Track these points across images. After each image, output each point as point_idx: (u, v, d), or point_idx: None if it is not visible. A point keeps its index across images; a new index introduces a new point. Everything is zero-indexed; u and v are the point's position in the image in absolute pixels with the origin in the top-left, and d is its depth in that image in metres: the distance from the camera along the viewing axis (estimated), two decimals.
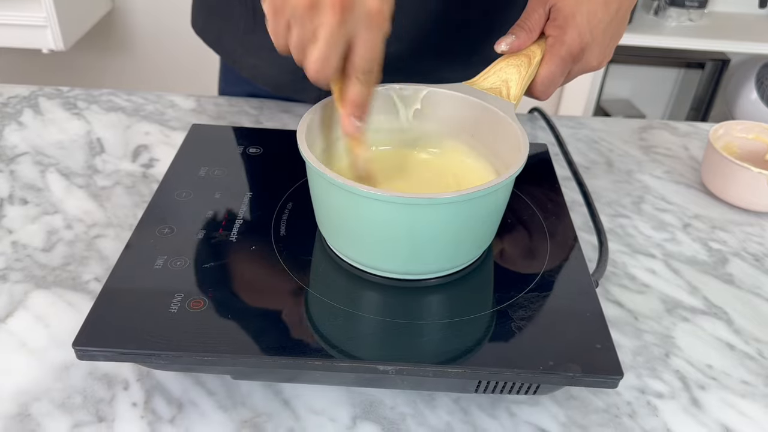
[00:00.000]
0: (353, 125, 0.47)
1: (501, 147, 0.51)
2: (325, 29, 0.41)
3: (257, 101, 0.83)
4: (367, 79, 0.45)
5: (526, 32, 0.54)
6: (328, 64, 0.43)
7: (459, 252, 0.47)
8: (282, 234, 0.51)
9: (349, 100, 0.46)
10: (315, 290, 0.46)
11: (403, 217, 0.43)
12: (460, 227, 0.45)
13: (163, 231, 0.50)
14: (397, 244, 0.45)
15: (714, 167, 0.69)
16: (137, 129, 0.76)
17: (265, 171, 0.59)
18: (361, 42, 0.43)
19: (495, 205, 0.46)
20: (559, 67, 0.54)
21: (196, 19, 0.82)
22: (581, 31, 0.54)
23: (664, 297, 0.57)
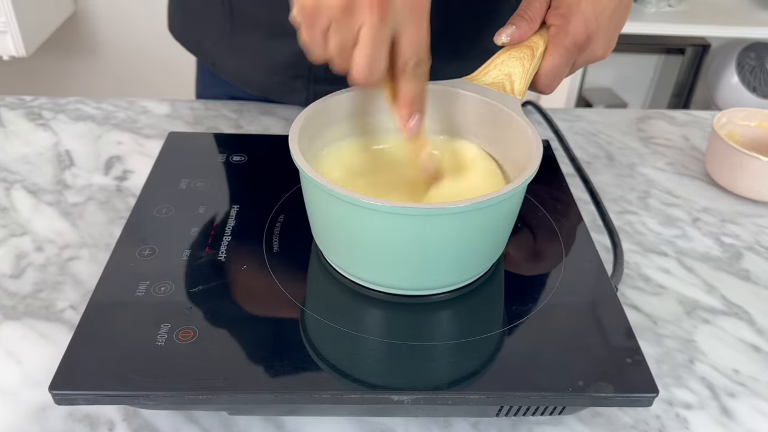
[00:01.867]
0: (414, 125, 0.44)
1: (508, 146, 0.47)
2: (367, 29, 0.38)
3: (236, 104, 0.78)
4: (419, 73, 0.42)
5: (527, 22, 0.50)
6: (376, 65, 0.40)
7: (470, 264, 0.43)
8: (275, 250, 0.47)
9: (406, 98, 0.43)
10: (315, 312, 0.42)
11: (412, 229, 0.39)
12: (472, 237, 0.41)
13: (144, 253, 0.46)
14: (405, 257, 0.41)
15: (720, 157, 0.66)
16: (108, 139, 0.71)
17: (252, 181, 0.54)
18: (406, 35, 0.40)
19: (509, 211, 0.43)
20: (563, 58, 0.51)
21: (173, 22, 0.77)
22: (586, 19, 0.50)
23: (681, 298, 0.54)
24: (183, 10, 0.75)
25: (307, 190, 0.44)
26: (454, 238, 0.40)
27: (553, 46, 0.50)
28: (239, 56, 0.72)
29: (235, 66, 0.72)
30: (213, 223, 0.49)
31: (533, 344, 0.41)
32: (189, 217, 0.49)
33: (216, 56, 0.74)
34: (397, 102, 0.44)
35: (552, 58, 0.50)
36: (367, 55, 0.39)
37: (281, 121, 0.75)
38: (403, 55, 0.41)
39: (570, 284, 0.45)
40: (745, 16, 1.71)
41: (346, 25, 0.39)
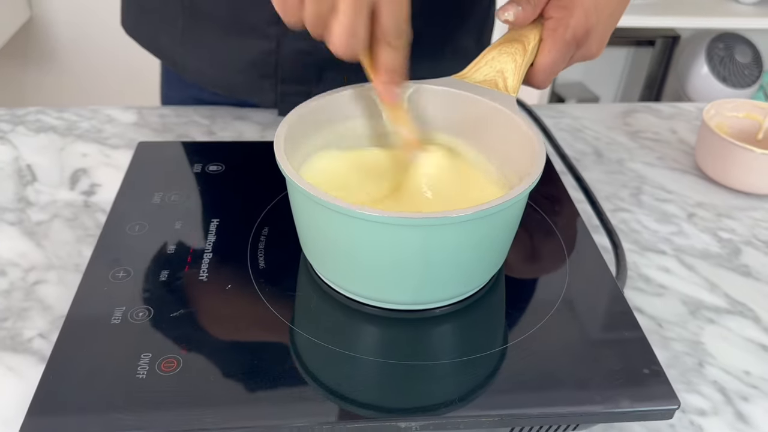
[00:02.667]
0: (392, 93, 0.43)
1: (505, 146, 0.45)
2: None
3: (207, 109, 0.74)
4: (399, 43, 0.41)
5: (531, 7, 0.47)
6: (355, 36, 0.39)
7: (475, 273, 0.41)
8: (261, 267, 0.43)
9: (384, 67, 0.42)
10: (309, 333, 0.39)
11: (416, 239, 0.36)
12: (477, 245, 0.38)
13: (118, 275, 0.42)
14: (407, 270, 0.38)
15: (712, 150, 0.64)
16: (73, 151, 0.67)
17: (231, 191, 0.51)
18: (387, 5, 0.38)
19: (514, 217, 0.40)
20: (561, 52, 0.48)
21: (126, 16, 0.73)
22: (588, 14, 0.48)
23: (684, 298, 0.53)
24: (136, 4, 0.71)
25: (296, 201, 0.41)
26: (459, 247, 0.37)
27: (553, 39, 0.48)
28: (199, 55, 0.68)
29: (196, 65, 0.69)
30: (192, 239, 0.46)
31: (543, 357, 0.38)
32: (165, 234, 0.46)
33: (175, 55, 0.70)
34: (376, 71, 0.42)
35: (551, 53, 0.48)
36: (346, 26, 0.38)
37: (256, 125, 0.72)
38: (383, 25, 0.39)
39: (576, 291, 0.43)
40: (713, 7, 1.72)
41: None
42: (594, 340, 0.40)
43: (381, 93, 0.44)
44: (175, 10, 0.66)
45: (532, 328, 0.40)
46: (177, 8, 0.65)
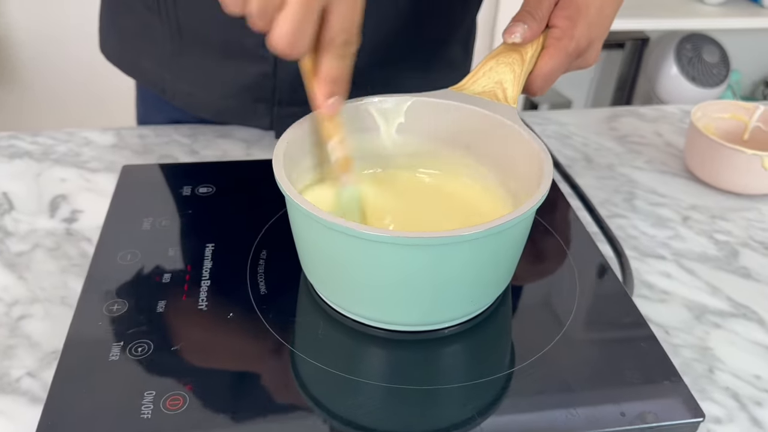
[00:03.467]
0: (329, 103, 0.40)
1: (508, 158, 0.44)
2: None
3: (188, 128, 0.72)
4: (345, 52, 0.38)
5: (537, 22, 0.46)
6: (301, 38, 0.36)
7: (485, 291, 0.40)
8: (263, 292, 0.42)
9: (325, 76, 0.39)
10: (318, 361, 0.38)
11: (427, 259, 0.35)
12: (488, 262, 0.37)
13: (113, 308, 0.40)
14: (417, 291, 0.37)
15: (702, 152, 0.64)
16: (50, 176, 0.64)
17: (225, 214, 0.49)
18: (338, 9, 0.36)
19: (523, 233, 0.39)
20: (563, 62, 0.48)
21: (106, 42, 0.70)
22: (590, 25, 0.47)
23: (687, 303, 0.52)
24: (118, 28, 0.69)
25: (298, 223, 0.39)
26: (470, 265, 0.36)
27: (555, 48, 0.47)
28: (190, 80, 0.66)
29: (186, 91, 0.66)
30: (187, 266, 0.44)
31: (560, 377, 0.37)
32: (158, 262, 0.44)
33: (162, 80, 0.68)
34: (316, 78, 0.40)
35: (552, 61, 0.47)
36: (292, 25, 0.35)
37: (240, 143, 0.70)
38: (331, 29, 0.37)
39: (587, 304, 0.42)
40: (680, 9, 1.74)
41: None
42: (610, 355, 0.39)
43: (318, 103, 0.40)
44: (162, 34, 0.64)
45: (545, 346, 0.39)
46: (165, 33, 0.63)
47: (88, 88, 1.76)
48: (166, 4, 0.62)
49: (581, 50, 0.49)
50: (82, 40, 1.66)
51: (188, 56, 0.64)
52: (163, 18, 0.63)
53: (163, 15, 0.63)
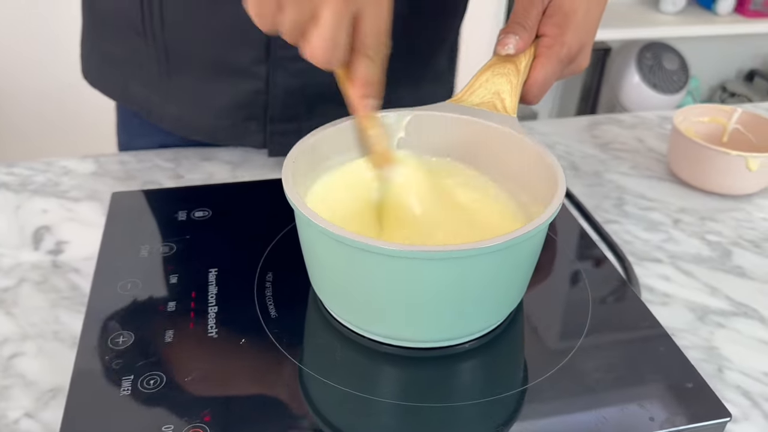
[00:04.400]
0: (366, 104, 0.41)
1: (515, 169, 0.44)
2: (330, 7, 0.35)
3: (170, 152, 0.71)
4: (378, 55, 0.39)
5: (528, 32, 0.47)
6: (336, 47, 0.37)
7: (503, 305, 0.39)
8: (273, 316, 0.41)
9: (361, 79, 0.40)
10: (339, 383, 0.36)
11: (448, 274, 0.35)
12: (508, 274, 0.37)
13: (118, 340, 0.38)
14: (435, 306, 0.36)
15: (687, 156, 0.65)
16: (31, 208, 0.62)
17: (225, 237, 0.48)
18: (369, 15, 0.37)
19: (540, 243, 0.39)
20: (556, 69, 0.48)
21: (89, 67, 0.69)
22: (579, 30, 0.48)
23: (689, 304, 0.52)
24: (101, 53, 0.67)
25: (310, 240, 0.38)
26: (492, 277, 0.36)
27: (547, 56, 0.47)
28: (179, 101, 0.64)
29: (174, 113, 0.65)
30: (191, 293, 0.42)
31: (583, 385, 0.37)
32: (161, 290, 0.42)
33: (149, 103, 0.66)
34: (351, 82, 0.40)
35: (545, 69, 0.48)
36: (327, 35, 0.36)
37: (225, 165, 0.69)
38: (363, 35, 0.38)
39: (604, 313, 0.42)
40: (639, 19, 1.79)
41: (307, 2, 0.35)
42: (630, 361, 0.39)
43: (355, 105, 0.41)
44: (148, 57, 0.62)
45: (564, 357, 0.39)
46: (151, 55, 0.62)
47: (64, 115, 1.71)
48: (152, 26, 0.61)
49: (573, 55, 0.49)
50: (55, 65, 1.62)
51: (176, 78, 0.63)
52: (149, 40, 0.62)
53: (150, 37, 0.62)
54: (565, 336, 0.40)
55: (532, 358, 0.40)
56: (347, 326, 0.40)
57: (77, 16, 0.72)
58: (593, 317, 0.41)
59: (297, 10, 0.36)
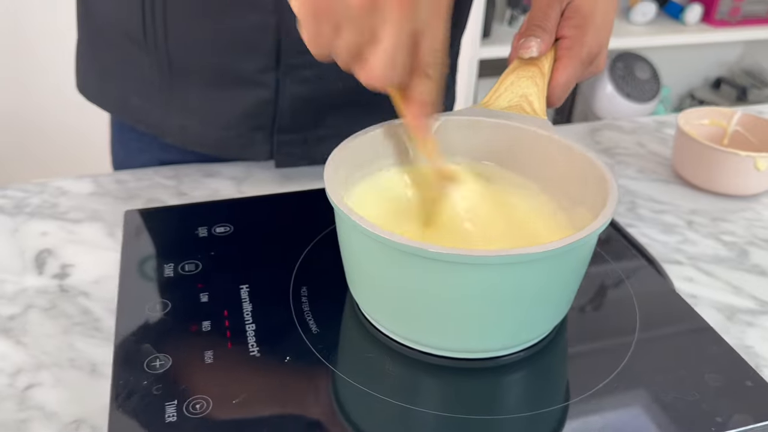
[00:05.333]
0: (425, 124, 0.40)
1: (555, 172, 0.43)
2: (391, 27, 0.34)
3: (170, 169, 0.68)
4: (436, 74, 0.38)
5: (548, 34, 0.47)
6: (396, 67, 0.35)
7: (552, 314, 0.38)
8: (315, 331, 0.39)
9: (419, 99, 0.38)
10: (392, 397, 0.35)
11: (507, 280, 0.33)
12: (563, 281, 0.36)
13: (155, 364, 0.36)
14: (491, 315, 0.35)
15: (695, 158, 0.66)
16: (29, 231, 0.59)
17: (252, 253, 0.46)
18: (429, 33, 0.36)
19: (592, 249, 0.38)
20: (577, 70, 0.48)
21: (85, 81, 0.66)
22: (598, 32, 0.48)
23: (715, 304, 0.52)
24: (99, 66, 0.65)
25: (356, 247, 0.37)
26: (547, 284, 0.35)
27: (569, 58, 0.47)
28: (181, 113, 0.62)
29: (178, 125, 0.63)
30: (224, 311, 0.40)
31: (642, 392, 0.36)
32: (193, 310, 0.40)
33: (149, 116, 0.64)
34: (408, 102, 0.39)
35: (566, 71, 0.47)
36: (387, 56, 0.35)
37: (229, 181, 0.67)
38: (422, 54, 0.37)
39: (652, 316, 0.41)
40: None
41: (365, 22, 0.34)
42: (685, 362, 0.38)
43: (413, 125, 0.40)
44: (150, 69, 0.60)
45: (617, 366, 0.38)
46: (153, 67, 0.60)
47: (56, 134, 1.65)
48: (155, 36, 0.59)
49: (593, 57, 0.49)
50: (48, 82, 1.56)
51: (179, 89, 0.61)
52: (150, 51, 0.60)
53: (151, 48, 0.60)
54: (616, 339, 0.39)
55: (582, 368, 0.39)
56: (393, 338, 0.38)
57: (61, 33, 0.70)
58: (641, 321, 0.41)
59: (356, 32, 0.34)
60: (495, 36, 1.77)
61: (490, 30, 1.75)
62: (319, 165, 0.68)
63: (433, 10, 0.35)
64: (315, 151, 0.65)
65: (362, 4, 0.33)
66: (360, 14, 0.33)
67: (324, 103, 0.62)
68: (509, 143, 0.44)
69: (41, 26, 1.55)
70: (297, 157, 0.65)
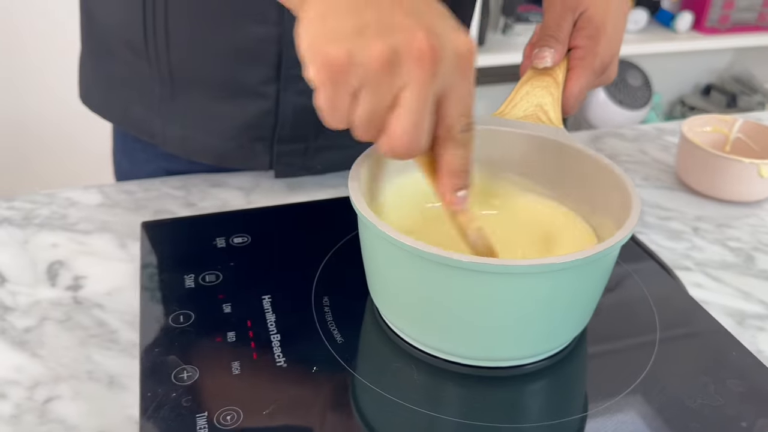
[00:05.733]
0: (458, 198, 0.36)
1: (570, 180, 0.44)
2: (413, 90, 0.31)
3: (178, 180, 0.68)
4: (466, 139, 0.35)
5: (562, 44, 0.47)
6: (420, 133, 0.32)
7: (575, 323, 0.39)
8: (339, 341, 0.39)
9: (450, 169, 0.35)
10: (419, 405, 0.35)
11: (536, 289, 0.34)
12: (591, 289, 0.37)
13: (182, 377, 0.36)
14: (522, 322, 0.35)
15: (700, 165, 0.67)
16: (39, 242, 0.58)
17: (271, 263, 0.46)
18: (455, 94, 0.33)
19: (616, 257, 0.38)
20: (590, 79, 0.48)
21: (88, 91, 0.66)
22: (610, 42, 0.48)
23: (726, 310, 0.53)
24: (102, 77, 0.65)
25: (383, 258, 0.37)
26: (571, 293, 0.35)
27: (582, 68, 0.48)
28: (184, 123, 0.62)
29: (179, 135, 0.63)
30: (247, 321, 0.40)
31: (668, 398, 0.37)
32: (217, 321, 0.40)
33: (151, 125, 0.64)
34: (438, 173, 0.36)
35: (580, 81, 0.48)
36: (410, 121, 0.32)
37: (237, 191, 0.67)
38: (449, 117, 0.34)
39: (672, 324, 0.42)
40: None
41: (386, 86, 0.31)
42: (707, 369, 0.39)
43: (446, 199, 0.36)
44: (152, 79, 0.60)
45: (641, 372, 0.38)
46: (154, 77, 0.60)
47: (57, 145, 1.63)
48: (156, 47, 0.59)
49: (605, 66, 0.50)
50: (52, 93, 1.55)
51: (181, 99, 0.61)
52: (152, 62, 0.60)
53: (153, 59, 0.60)
54: (637, 345, 0.40)
55: (605, 374, 0.39)
56: (416, 346, 0.39)
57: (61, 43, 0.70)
58: (661, 326, 0.41)
59: (376, 98, 0.32)
60: (490, 44, 1.78)
61: (485, 38, 1.76)
62: (318, 175, 0.68)
63: (458, 69, 0.33)
64: (314, 161, 0.65)
65: (382, 65, 0.31)
66: (379, 77, 0.31)
67: None
68: (527, 152, 0.45)
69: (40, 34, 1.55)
70: (296, 168, 0.65)
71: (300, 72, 0.61)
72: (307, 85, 0.60)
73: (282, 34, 0.57)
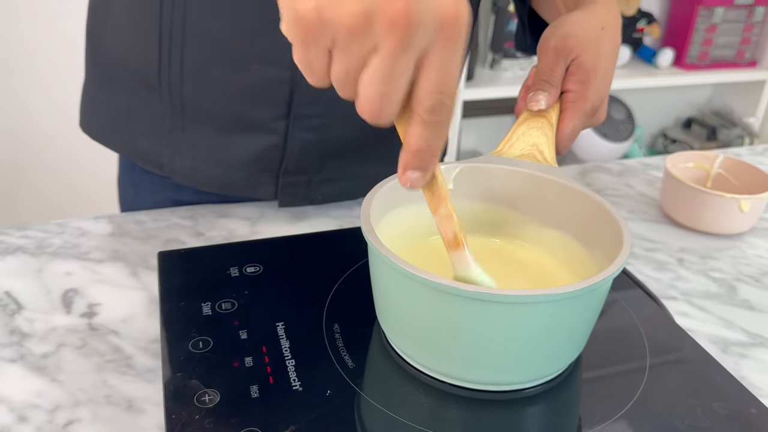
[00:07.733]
0: (406, 177, 0.34)
1: (564, 215, 0.47)
2: (382, 56, 0.30)
3: (186, 210, 0.71)
4: (435, 120, 0.32)
5: (555, 88, 0.51)
6: (387, 102, 0.31)
7: (574, 348, 0.41)
8: (351, 366, 0.41)
9: (411, 147, 0.33)
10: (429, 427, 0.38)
11: (536, 318, 0.37)
12: (588, 317, 0.39)
13: (204, 399, 0.38)
14: (524, 348, 0.38)
15: (683, 199, 0.70)
16: (53, 270, 0.61)
17: (283, 292, 0.48)
18: (431, 66, 0.31)
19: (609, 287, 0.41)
20: (581, 122, 0.52)
21: (90, 120, 0.68)
22: (600, 86, 0.52)
23: (710, 337, 0.56)
24: (108, 107, 0.67)
25: (394, 287, 0.40)
26: (570, 321, 0.38)
27: (573, 110, 0.51)
28: (191, 155, 0.65)
29: (188, 166, 0.66)
30: (262, 347, 0.43)
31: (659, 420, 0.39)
32: (234, 347, 0.43)
33: (159, 156, 0.67)
34: (403, 148, 0.34)
35: (572, 122, 0.51)
36: (377, 91, 0.31)
37: (244, 221, 0.69)
38: (419, 91, 0.31)
39: (656, 346, 0.45)
40: None
41: (356, 47, 0.30)
42: (694, 391, 0.41)
43: (399, 173, 0.35)
44: (162, 111, 0.63)
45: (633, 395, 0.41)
46: (165, 110, 0.63)
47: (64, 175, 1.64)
48: (170, 82, 0.62)
49: (596, 108, 0.54)
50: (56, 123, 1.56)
51: (191, 132, 0.63)
52: (164, 95, 0.63)
53: (165, 92, 0.63)
54: (629, 370, 0.43)
55: (600, 396, 0.42)
56: (422, 371, 0.41)
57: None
58: (650, 352, 0.44)
59: (347, 59, 0.30)
60: (478, 78, 1.83)
61: (473, 73, 1.82)
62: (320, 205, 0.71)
63: (440, 36, 0.30)
64: (316, 192, 0.68)
65: (352, 25, 0.29)
66: (349, 37, 0.29)
67: (330, 148, 0.65)
68: (525, 189, 0.48)
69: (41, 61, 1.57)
70: (299, 198, 0.68)
71: (309, 111, 0.65)
72: (316, 122, 0.63)
73: (293, 77, 0.60)
